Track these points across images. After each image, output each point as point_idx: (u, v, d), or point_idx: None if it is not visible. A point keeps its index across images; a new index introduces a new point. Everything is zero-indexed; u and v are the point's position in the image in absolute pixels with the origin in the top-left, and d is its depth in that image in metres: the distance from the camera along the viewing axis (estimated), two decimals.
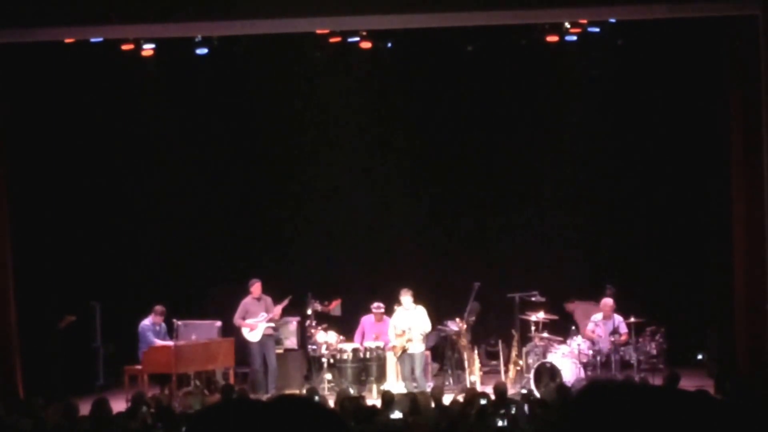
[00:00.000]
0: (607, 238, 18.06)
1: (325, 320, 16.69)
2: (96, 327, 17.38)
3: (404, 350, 15.59)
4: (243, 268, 17.40)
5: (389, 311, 16.27)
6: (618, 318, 15.70)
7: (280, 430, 1.90)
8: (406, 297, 15.65)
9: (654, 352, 15.35)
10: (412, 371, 15.69)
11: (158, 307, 16.06)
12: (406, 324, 15.58)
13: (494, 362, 16.81)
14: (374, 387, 15.90)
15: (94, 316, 17.35)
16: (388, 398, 11.64)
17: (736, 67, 14.97)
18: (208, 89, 18.02)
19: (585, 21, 15.90)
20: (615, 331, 15.44)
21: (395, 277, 16.62)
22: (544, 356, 15.47)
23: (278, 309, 16.46)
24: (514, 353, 16.05)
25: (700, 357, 17.11)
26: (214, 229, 18.54)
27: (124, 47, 16.06)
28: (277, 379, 16.24)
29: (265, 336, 16.39)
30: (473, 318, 16.37)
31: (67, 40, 15.40)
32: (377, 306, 16.32)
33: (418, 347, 15.63)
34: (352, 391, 14.71)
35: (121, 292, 17.39)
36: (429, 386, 15.28)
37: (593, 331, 15.83)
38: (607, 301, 15.90)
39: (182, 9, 13.62)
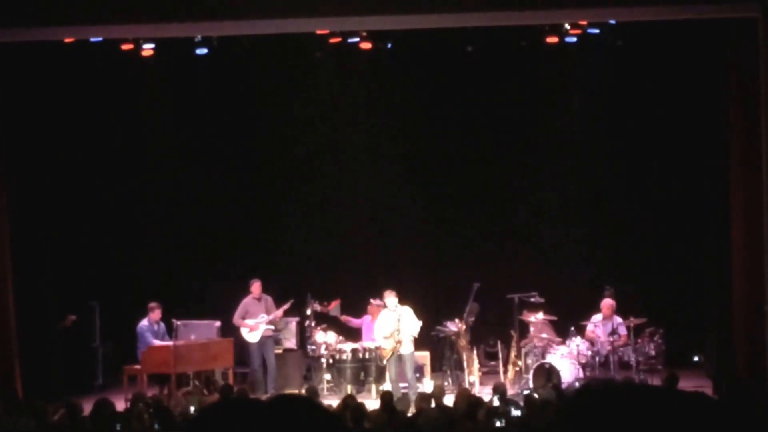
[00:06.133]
0: (607, 239, 18.06)
1: (325, 320, 16.70)
2: (95, 327, 17.38)
3: (394, 352, 15.54)
4: (242, 268, 17.41)
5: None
6: (617, 319, 15.71)
7: (279, 430, 1.91)
8: (390, 298, 15.59)
9: (653, 353, 15.37)
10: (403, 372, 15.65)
11: (152, 304, 16.06)
12: (393, 326, 15.53)
13: (493, 363, 16.82)
14: (373, 387, 15.91)
15: (93, 316, 17.35)
16: (387, 399, 11.64)
17: (736, 70, 14.98)
18: (208, 89, 18.02)
19: (585, 22, 15.91)
20: (614, 332, 15.45)
21: (395, 278, 16.63)
22: (543, 357, 15.49)
23: (279, 312, 16.47)
24: (513, 354, 16.06)
25: (696, 359, 17.11)
26: (214, 229, 18.53)
27: (124, 47, 16.05)
28: (276, 379, 16.24)
29: (264, 336, 16.40)
30: (472, 318, 16.37)
31: (67, 40, 15.39)
32: (375, 300, 16.33)
33: (407, 348, 15.61)
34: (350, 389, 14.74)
35: (120, 292, 17.39)
36: (419, 387, 15.28)
37: (593, 332, 15.85)
38: (606, 302, 15.91)
39: (182, 9, 13.61)
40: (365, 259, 18.18)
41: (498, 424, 10.07)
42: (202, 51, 16.49)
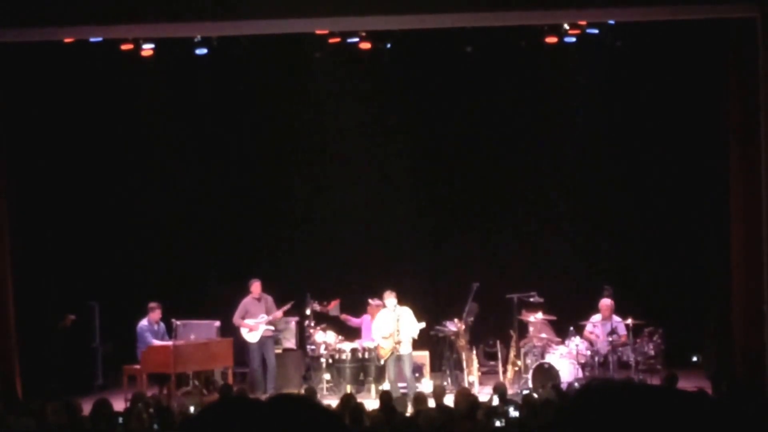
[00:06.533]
0: (606, 239, 18.07)
1: (324, 320, 16.70)
2: (95, 327, 17.38)
3: (393, 352, 15.52)
4: (242, 268, 17.42)
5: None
6: (616, 319, 15.71)
7: (279, 430, 1.91)
8: (390, 299, 15.58)
9: (652, 353, 15.37)
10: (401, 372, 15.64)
11: (152, 304, 16.05)
12: (392, 326, 15.52)
13: (492, 363, 16.83)
14: (372, 387, 15.91)
15: (92, 316, 17.36)
16: (386, 399, 11.65)
17: (735, 70, 14.98)
18: (208, 89, 18.03)
19: (584, 22, 15.91)
20: (613, 332, 15.45)
21: (394, 278, 16.62)
22: (543, 357, 15.49)
23: (279, 313, 16.45)
24: (512, 354, 16.06)
25: (695, 359, 17.11)
26: (213, 230, 18.55)
27: (124, 47, 16.05)
28: (275, 379, 16.25)
29: (264, 336, 16.40)
30: (472, 318, 16.38)
31: (67, 40, 15.39)
32: (374, 300, 16.32)
33: (407, 349, 15.60)
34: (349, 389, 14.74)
35: (119, 292, 17.39)
36: (418, 387, 15.27)
37: (591, 332, 15.86)
38: (605, 302, 15.91)
39: (182, 9, 13.62)
40: (365, 259, 18.18)
41: (498, 424, 10.07)
42: (201, 51, 16.48)
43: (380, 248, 18.32)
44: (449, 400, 12.53)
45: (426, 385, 15.62)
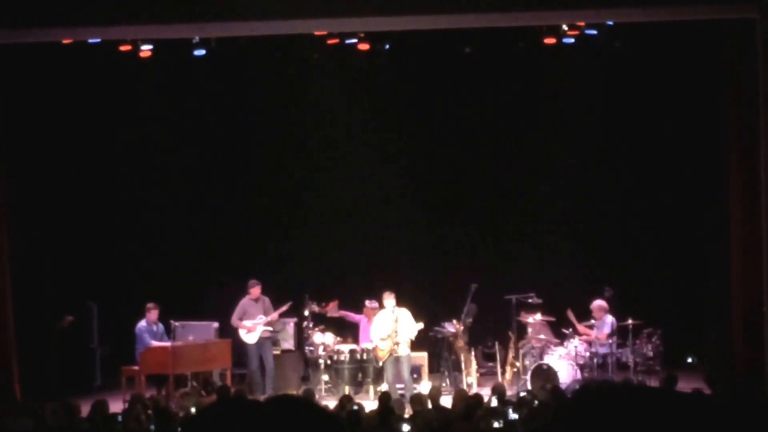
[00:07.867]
0: (606, 241, 18.05)
1: (322, 321, 16.69)
2: (93, 328, 17.38)
3: (391, 353, 15.51)
4: (240, 270, 17.40)
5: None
6: (610, 319, 15.61)
7: (276, 430, 1.91)
8: (389, 300, 15.58)
9: (651, 354, 15.34)
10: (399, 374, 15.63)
11: (149, 304, 16.02)
12: (390, 327, 15.51)
13: (491, 364, 16.82)
14: (371, 388, 15.90)
15: (91, 317, 17.36)
16: (385, 399, 11.64)
17: (734, 70, 14.98)
18: (206, 90, 18.03)
19: (582, 23, 15.91)
20: (613, 333, 15.41)
21: (392, 279, 16.62)
22: (541, 358, 15.48)
23: (276, 314, 16.43)
24: (510, 355, 16.06)
25: (690, 360, 17.09)
26: (212, 231, 18.55)
27: (122, 48, 16.06)
28: (274, 380, 16.23)
29: (262, 337, 16.38)
30: (470, 319, 16.38)
31: (65, 41, 15.39)
32: (371, 302, 16.31)
33: (405, 350, 15.59)
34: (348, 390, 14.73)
35: (118, 293, 17.38)
36: (416, 388, 15.26)
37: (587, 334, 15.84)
38: (594, 305, 15.82)
39: (180, 10, 13.61)
40: (363, 260, 18.19)
41: (496, 425, 10.06)
42: (200, 52, 16.49)
43: (379, 249, 18.31)
44: (447, 401, 12.51)
45: (424, 387, 15.60)
